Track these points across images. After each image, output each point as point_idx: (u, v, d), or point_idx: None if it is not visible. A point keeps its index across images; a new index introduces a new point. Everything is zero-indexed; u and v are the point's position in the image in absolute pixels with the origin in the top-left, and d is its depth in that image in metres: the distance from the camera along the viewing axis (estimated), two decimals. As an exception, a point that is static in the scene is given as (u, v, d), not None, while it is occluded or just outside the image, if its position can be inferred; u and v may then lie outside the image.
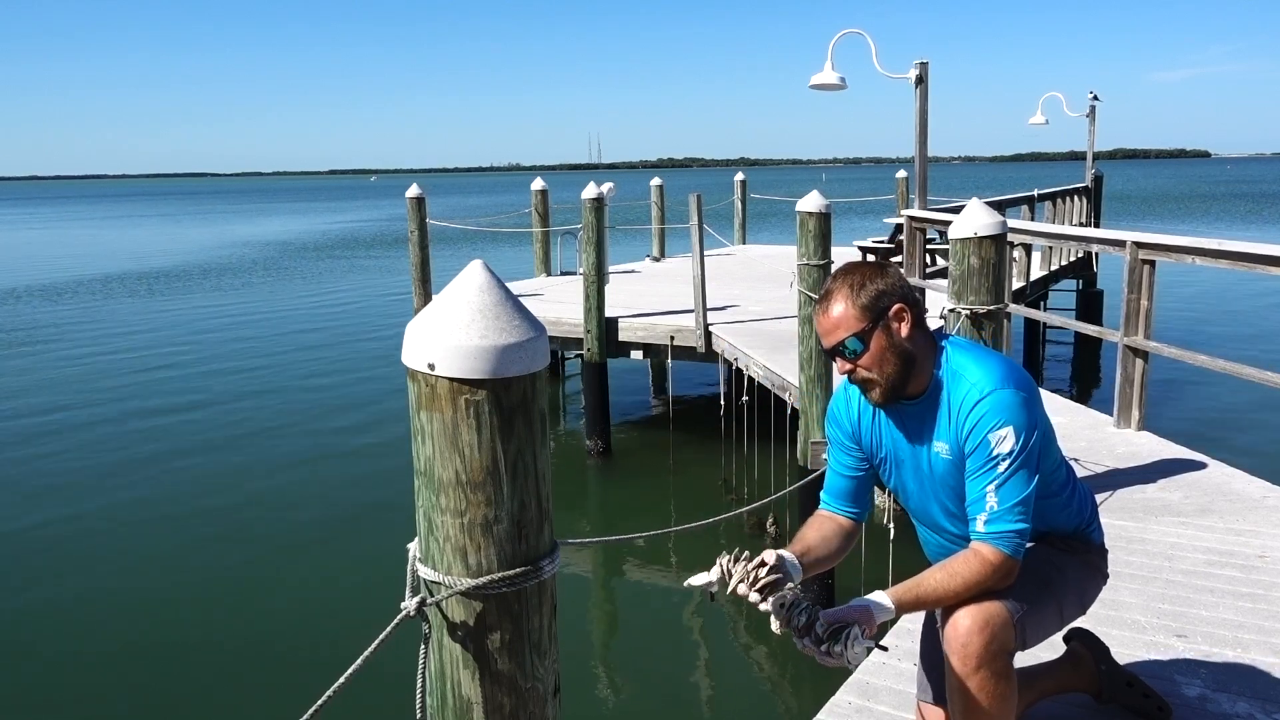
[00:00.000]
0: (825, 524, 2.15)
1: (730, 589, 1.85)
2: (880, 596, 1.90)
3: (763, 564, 1.86)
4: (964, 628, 1.90)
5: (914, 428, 2.03)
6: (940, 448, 1.98)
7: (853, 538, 2.15)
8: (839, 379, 2.11)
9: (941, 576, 1.92)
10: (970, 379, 1.93)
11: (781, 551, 1.94)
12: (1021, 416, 1.88)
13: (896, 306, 1.96)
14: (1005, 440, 1.87)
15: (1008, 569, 1.91)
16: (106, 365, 13.43)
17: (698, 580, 1.89)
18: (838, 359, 1.99)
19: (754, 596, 1.83)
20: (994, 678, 1.90)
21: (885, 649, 1.88)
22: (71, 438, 9.76)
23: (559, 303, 9.98)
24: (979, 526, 1.90)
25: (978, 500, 1.91)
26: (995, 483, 1.88)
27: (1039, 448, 1.91)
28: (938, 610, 2.04)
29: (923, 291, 7.97)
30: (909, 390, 1.99)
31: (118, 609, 6.04)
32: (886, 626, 2.78)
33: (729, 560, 1.87)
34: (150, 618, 5.90)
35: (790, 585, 1.86)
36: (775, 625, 1.83)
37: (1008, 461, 1.87)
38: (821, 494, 2.20)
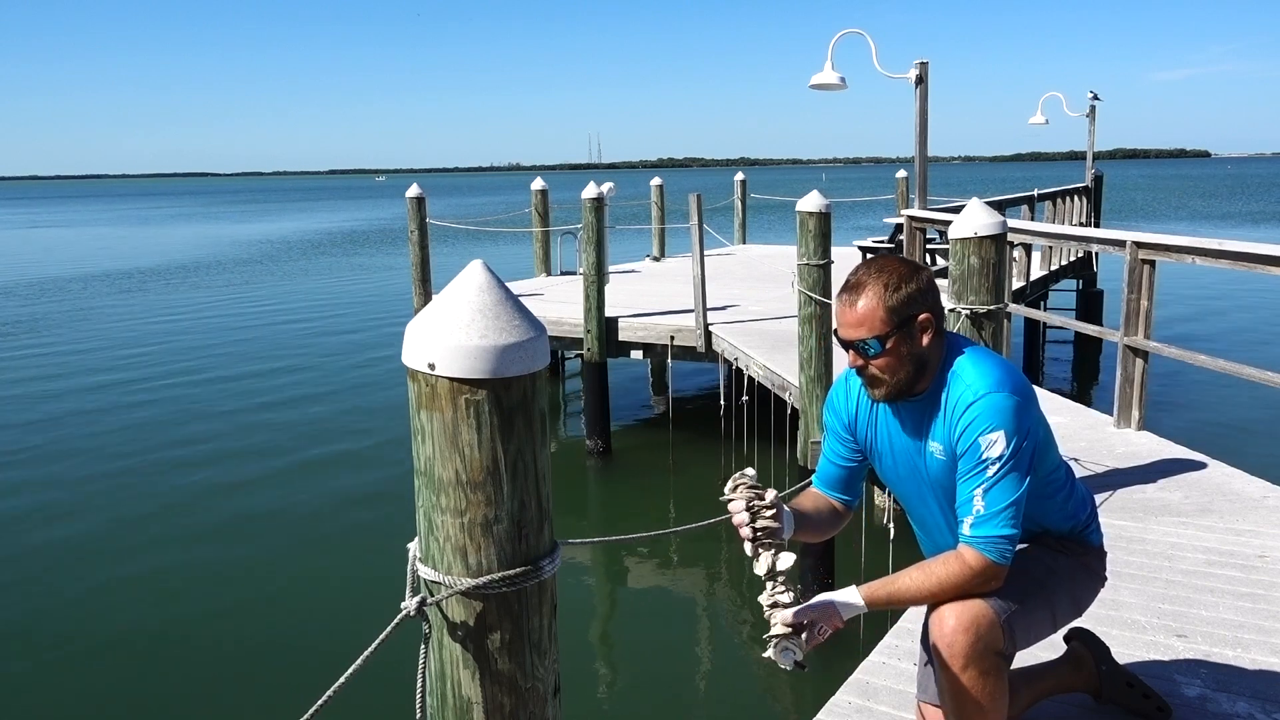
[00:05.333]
0: (819, 499, 2.19)
1: (727, 497, 1.93)
2: (851, 594, 1.93)
3: (767, 505, 1.91)
4: (949, 627, 1.91)
5: (911, 425, 2.03)
6: (935, 448, 1.98)
7: (843, 519, 2.20)
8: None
9: (918, 576, 1.93)
10: (966, 381, 1.93)
11: (782, 503, 1.99)
12: (1013, 422, 1.88)
13: (924, 316, 1.94)
14: (995, 444, 1.87)
15: (991, 574, 1.89)
16: (107, 363, 13.43)
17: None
18: (851, 351, 1.98)
19: (745, 531, 1.91)
20: (982, 676, 1.90)
21: (804, 668, 1.91)
22: (68, 435, 9.75)
23: (559, 303, 9.98)
24: (965, 530, 1.90)
25: (965, 503, 1.90)
26: (983, 486, 1.88)
27: (1031, 453, 1.90)
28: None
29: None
30: (913, 391, 2.00)
31: (118, 608, 6.04)
32: (873, 622, 2.78)
33: (738, 479, 1.95)
34: (150, 617, 5.90)
35: (781, 539, 1.92)
36: (759, 568, 1.90)
37: (996, 465, 1.87)
38: (813, 479, 2.23)
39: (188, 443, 9.56)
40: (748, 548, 1.91)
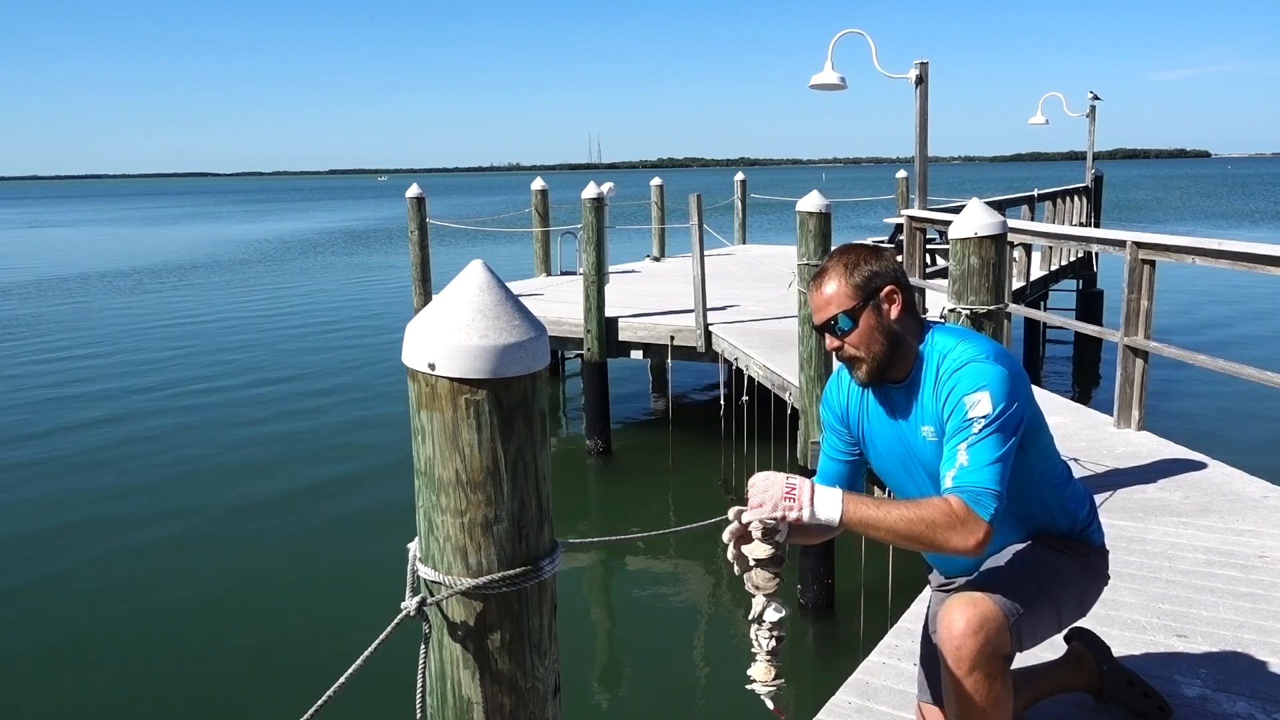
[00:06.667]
0: None
1: (732, 549, 1.84)
2: (833, 503, 1.82)
3: (772, 567, 1.83)
4: (958, 630, 1.90)
5: (900, 411, 2.04)
6: (926, 431, 1.99)
7: None
8: (836, 364, 2.13)
9: (907, 509, 1.82)
10: (953, 355, 1.95)
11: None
12: (1000, 387, 1.87)
13: (888, 288, 1.99)
14: (980, 404, 1.86)
15: (972, 525, 1.79)
16: (107, 363, 13.43)
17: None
18: (827, 335, 2.02)
19: (737, 570, 1.84)
20: (989, 679, 1.90)
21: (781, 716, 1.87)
22: (67, 433, 9.75)
23: (559, 303, 9.98)
24: (947, 482, 1.84)
25: (949, 458, 1.87)
26: (967, 442, 1.85)
27: (1018, 422, 1.88)
28: (936, 611, 2.04)
29: (922, 292, 7.97)
30: (894, 374, 2.01)
31: (118, 608, 6.04)
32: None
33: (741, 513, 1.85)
34: (151, 617, 5.90)
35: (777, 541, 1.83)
36: (752, 612, 1.82)
37: (982, 423, 1.84)
38: (815, 478, 2.20)
39: (186, 443, 9.55)
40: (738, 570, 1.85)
